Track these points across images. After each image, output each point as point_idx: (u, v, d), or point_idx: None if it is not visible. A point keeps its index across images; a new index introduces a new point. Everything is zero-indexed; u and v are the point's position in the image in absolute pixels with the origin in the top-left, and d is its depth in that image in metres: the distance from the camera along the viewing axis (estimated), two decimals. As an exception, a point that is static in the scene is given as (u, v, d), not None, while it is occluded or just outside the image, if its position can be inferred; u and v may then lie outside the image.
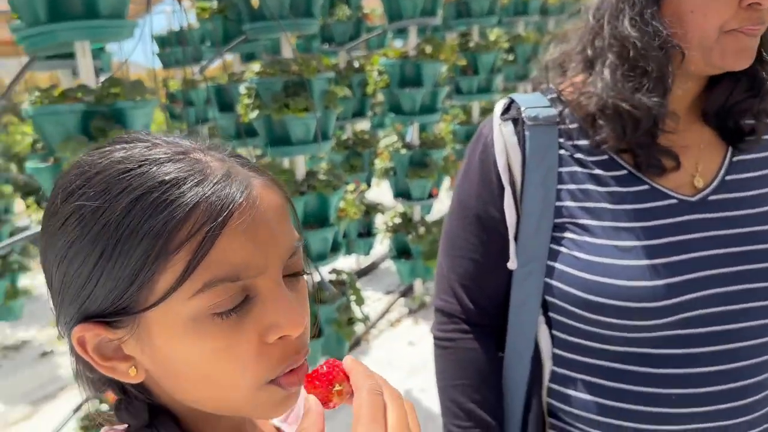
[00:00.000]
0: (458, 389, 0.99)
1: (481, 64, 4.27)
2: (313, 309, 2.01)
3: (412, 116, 3.67)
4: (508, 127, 0.91)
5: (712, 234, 0.85)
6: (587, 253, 0.86)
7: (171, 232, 0.47)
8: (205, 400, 0.54)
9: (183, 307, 0.49)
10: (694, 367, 0.84)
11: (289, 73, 2.82)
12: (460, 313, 1.00)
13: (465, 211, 0.97)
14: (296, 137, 2.86)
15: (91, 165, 0.51)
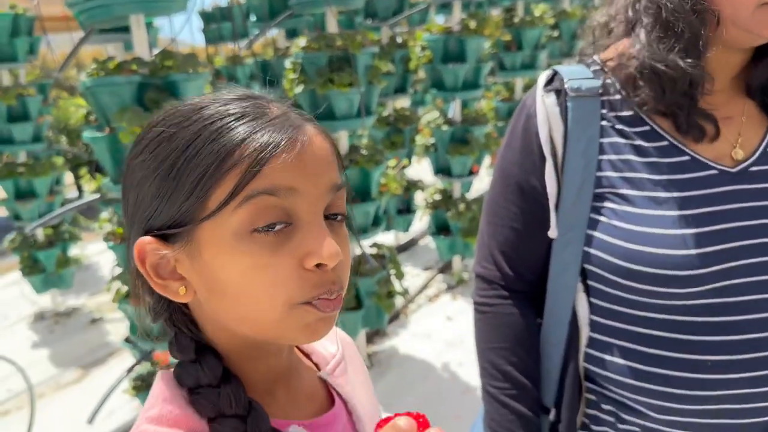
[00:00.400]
0: (496, 352, 1.02)
1: (526, 40, 4.22)
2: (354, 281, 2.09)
3: (455, 92, 3.66)
4: (550, 98, 0.93)
5: (750, 205, 0.85)
6: (627, 222, 0.87)
7: (226, 154, 0.54)
8: (243, 320, 0.58)
9: (228, 222, 0.54)
10: (728, 334, 0.85)
11: (334, 48, 2.85)
12: (500, 279, 1.03)
13: (507, 179, 0.99)
14: (340, 112, 2.90)
15: (175, 105, 0.59)
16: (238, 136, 0.55)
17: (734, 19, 0.82)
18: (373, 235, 3.24)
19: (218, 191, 0.54)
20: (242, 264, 0.55)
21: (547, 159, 0.93)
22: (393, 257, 3.35)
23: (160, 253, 0.56)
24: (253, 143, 0.54)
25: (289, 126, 0.57)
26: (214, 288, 0.57)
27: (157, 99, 2.02)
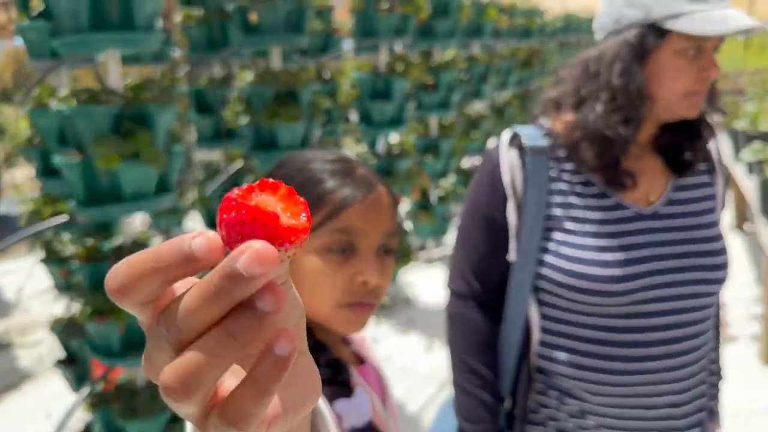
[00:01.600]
0: (468, 352, 1.26)
1: (442, 81, 4.62)
2: None
3: (381, 128, 3.96)
4: (513, 153, 1.21)
5: (659, 238, 1.16)
6: (570, 248, 1.16)
7: (322, 197, 0.83)
8: (308, 307, 0.83)
9: (314, 242, 0.82)
10: (643, 333, 1.14)
11: (280, 84, 3.06)
12: (470, 293, 1.26)
13: (477, 214, 1.25)
14: (284, 143, 3.10)
15: (295, 155, 0.90)
16: (330, 187, 0.84)
17: (666, 102, 1.15)
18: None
19: (314, 218, 0.81)
20: (316, 269, 0.83)
21: (509, 199, 1.20)
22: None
23: None
24: (338, 194, 0.83)
25: (365, 185, 0.85)
26: (296, 280, 0.82)
27: (132, 129, 2.15)
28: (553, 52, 8.34)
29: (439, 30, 4.58)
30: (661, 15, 1.10)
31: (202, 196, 3.77)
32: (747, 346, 3.68)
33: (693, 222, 1.19)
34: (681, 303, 1.14)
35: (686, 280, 1.15)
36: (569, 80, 1.23)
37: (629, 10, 1.13)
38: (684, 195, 1.21)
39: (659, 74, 1.13)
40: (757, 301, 4.11)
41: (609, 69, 1.15)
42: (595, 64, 1.17)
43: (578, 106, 1.19)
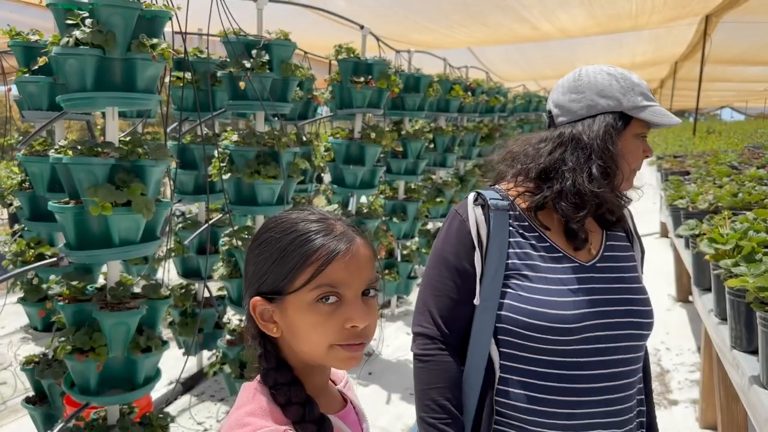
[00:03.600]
0: (436, 391, 1.36)
1: (410, 149, 4.94)
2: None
3: (353, 189, 4.22)
4: (478, 210, 1.40)
5: (598, 286, 1.35)
6: (527, 292, 1.32)
7: (308, 256, 0.91)
8: (305, 352, 0.94)
9: (305, 296, 0.90)
10: (593, 369, 1.30)
11: (262, 145, 3.30)
12: (439, 336, 1.39)
13: (445, 263, 1.40)
14: (262, 199, 3.32)
15: (280, 217, 1.00)
16: (315, 246, 0.92)
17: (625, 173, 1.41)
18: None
19: (300, 278, 0.91)
20: (308, 320, 0.91)
21: (476, 249, 1.37)
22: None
23: (265, 307, 0.94)
24: (322, 252, 0.91)
25: (345, 240, 0.94)
26: (292, 331, 0.93)
27: (127, 180, 2.35)
28: (513, 127, 8.83)
29: (409, 103, 4.93)
30: (630, 106, 1.39)
31: (178, 246, 3.93)
32: (687, 409, 3.92)
33: (623, 275, 1.40)
34: (618, 342, 1.33)
35: (622, 323, 1.34)
36: (533, 155, 1.43)
37: (603, 101, 1.40)
38: (614, 252, 1.43)
39: (623, 152, 1.40)
40: (697, 368, 4.37)
41: (601, 143, 1.38)
42: (577, 141, 1.39)
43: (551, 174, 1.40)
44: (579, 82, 1.43)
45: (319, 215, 0.98)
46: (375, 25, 4.73)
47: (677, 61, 15.75)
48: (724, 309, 2.28)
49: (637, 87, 1.41)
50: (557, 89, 1.47)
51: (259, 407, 0.92)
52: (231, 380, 3.47)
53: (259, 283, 0.94)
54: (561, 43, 9.95)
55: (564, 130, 1.41)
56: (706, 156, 7.00)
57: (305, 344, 0.93)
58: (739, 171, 5.25)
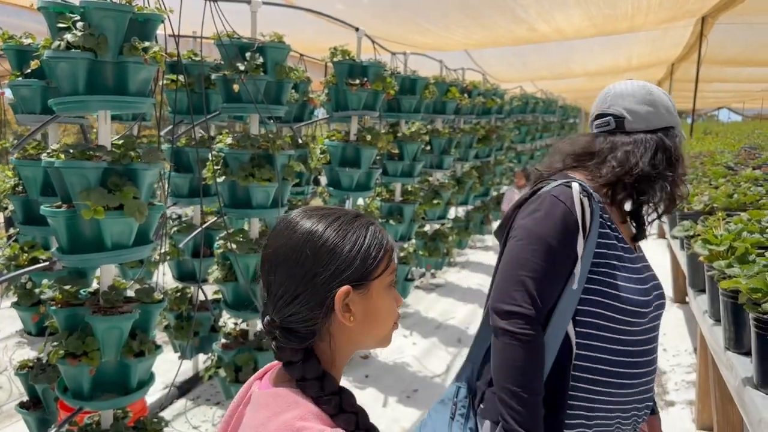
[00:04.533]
0: (533, 372, 1.43)
1: (407, 152, 4.94)
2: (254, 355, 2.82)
3: (349, 191, 4.22)
4: (585, 201, 1.51)
5: (648, 274, 1.60)
6: (616, 280, 1.51)
7: (384, 246, 1.00)
8: (377, 334, 1.02)
9: (383, 280, 1.00)
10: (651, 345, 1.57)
11: (257, 148, 3.30)
12: (535, 315, 1.44)
13: (545, 245, 1.47)
14: (257, 202, 3.31)
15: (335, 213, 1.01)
16: (386, 237, 1.02)
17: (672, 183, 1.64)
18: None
19: (381, 265, 0.99)
20: (386, 301, 1.01)
21: (580, 236, 1.48)
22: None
23: (350, 295, 0.96)
24: (390, 242, 1.03)
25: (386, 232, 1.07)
26: (372, 314, 0.99)
27: (119, 183, 2.34)
28: (510, 129, 8.83)
29: (405, 105, 4.93)
30: (674, 123, 1.62)
31: (173, 249, 3.92)
32: (683, 410, 3.91)
33: (650, 266, 1.66)
34: (659, 322, 1.60)
35: (660, 304, 1.59)
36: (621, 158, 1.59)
37: (670, 117, 1.62)
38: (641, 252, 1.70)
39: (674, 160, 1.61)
40: (693, 370, 4.37)
41: (681, 154, 1.63)
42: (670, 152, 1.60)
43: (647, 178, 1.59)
44: (652, 96, 1.61)
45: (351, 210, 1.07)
46: (371, 26, 4.73)
47: (674, 62, 15.76)
48: (718, 310, 2.28)
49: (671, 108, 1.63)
50: (628, 98, 1.61)
51: (308, 411, 0.91)
52: (226, 384, 3.46)
53: (346, 275, 0.96)
54: (557, 45, 9.96)
55: (646, 137, 1.59)
56: (702, 157, 6.99)
57: (381, 325, 1.01)
58: (735, 172, 5.25)
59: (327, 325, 0.96)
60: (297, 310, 0.95)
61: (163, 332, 4.28)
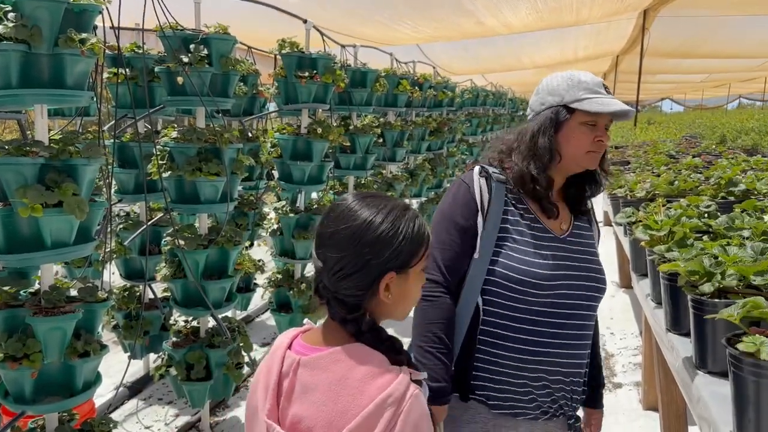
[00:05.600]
0: (437, 326, 1.63)
1: (359, 144, 4.93)
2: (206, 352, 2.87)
3: (301, 185, 4.18)
4: (483, 180, 1.70)
5: (566, 254, 1.68)
6: (515, 252, 1.64)
7: (424, 236, 1.18)
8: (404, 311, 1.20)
9: (419, 267, 1.17)
10: (557, 318, 1.63)
11: (204, 141, 3.24)
12: (443, 281, 1.66)
13: (450, 221, 1.69)
14: (205, 197, 3.26)
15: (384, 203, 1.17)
16: (425, 228, 1.18)
17: (573, 157, 1.69)
18: (226, 309, 3.55)
19: (420, 253, 1.16)
20: (417, 284, 1.19)
21: (479, 211, 1.67)
22: (242, 330, 3.67)
23: (393, 279, 1.13)
24: (428, 232, 1.19)
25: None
26: (405, 294, 1.16)
27: (58, 180, 2.26)
28: (462, 121, 8.92)
29: (357, 99, 4.92)
30: (570, 99, 1.66)
31: (119, 247, 3.82)
32: (630, 392, 4.04)
33: (587, 249, 1.74)
34: (577, 300, 1.65)
35: (582, 285, 1.67)
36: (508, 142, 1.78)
37: (551, 98, 1.69)
38: (580, 231, 1.77)
39: (568, 138, 1.68)
40: (639, 352, 4.52)
41: (533, 133, 1.70)
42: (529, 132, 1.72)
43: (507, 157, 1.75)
44: (540, 86, 1.74)
45: (398, 200, 1.21)
46: (321, 19, 4.70)
47: (618, 54, 16.20)
48: (659, 293, 2.35)
49: (582, 84, 1.66)
50: (539, 92, 1.75)
51: (381, 359, 1.08)
52: (177, 383, 3.39)
53: (395, 261, 1.12)
54: (506, 38, 10.10)
55: (528, 124, 1.74)
56: (645, 146, 7.22)
57: (410, 303, 1.19)
58: (677, 160, 5.44)
59: (370, 299, 1.12)
60: (349, 285, 1.11)
61: (112, 332, 4.17)
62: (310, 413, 1.04)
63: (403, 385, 1.03)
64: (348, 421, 1.00)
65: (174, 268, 3.40)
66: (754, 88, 29.70)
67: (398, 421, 1.00)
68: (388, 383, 1.03)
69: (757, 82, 26.66)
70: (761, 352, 1.34)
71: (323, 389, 1.04)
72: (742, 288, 1.78)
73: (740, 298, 1.63)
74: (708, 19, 10.62)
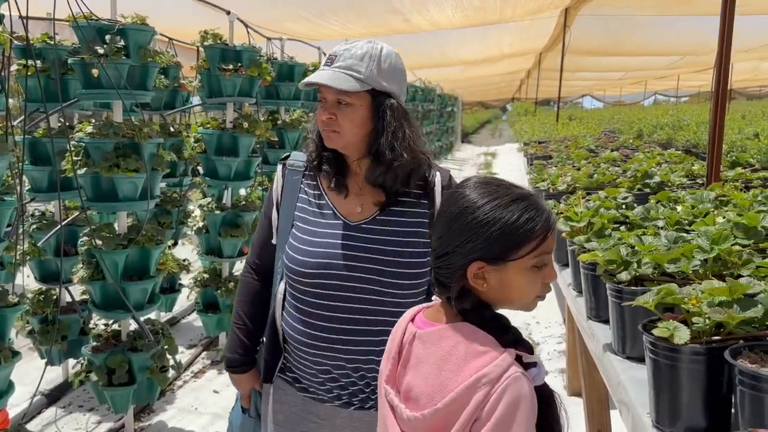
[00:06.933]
0: (238, 303, 1.77)
1: (288, 140, 4.86)
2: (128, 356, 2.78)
3: (227, 181, 4.08)
4: (280, 168, 1.71)
5: (355, 243, 1.57)
6: (294, 240, 1.61)
7: (533, 233, 1.08)
8: (513, 301, 1.13)
9: (527, 262, 1.09)
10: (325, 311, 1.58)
11: (121, 136, 3.10)
12: (252, 264, 1.77)
13: (265, 209, 1.73)
14: (124, 194, 3.12)
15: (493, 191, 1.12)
16: (537, 225, 1.09)
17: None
18: (149, 311, 3.42)
19: (524, 249, 1.08)
20: (525, 280, 1.10)
21: (274, 202, 1.69)
22: (166, 333, 3.55)
23: (483, 269, 1.09)
24: (543, 228, 1.09)
25: (551, 217, 1.12)
26: (506, 287, 1.10)
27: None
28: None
29: (284, 92, 4.85)
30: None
31: (33, 248, 3.62)
32: (555, 379, 4.17)
33: (392, 238, 1.58)
34: (352, 293, 1.56)
35: (363, 278, 1.55)
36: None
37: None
38: (392, 217, 1.60)
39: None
40: (563, 340, 4.67)
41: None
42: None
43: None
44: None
45: (522, 191, 1.13)
46: (246, 12, 4.59)
47: (541, 52, 16.69)
48: (580, 283, 2.43)
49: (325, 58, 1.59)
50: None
51: (486, 338, 1.07)
52: (98, 389, 3.25)
53: (483, 251, 1.07)
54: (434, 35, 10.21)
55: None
56: (567, 141, 7.46)
57: (516, 297, 1.11)
58: (596, 154, 5.64)
59: (459, 284, 1.10)
60: (442, 265, 1.12)
61: (27, 338, 3.95)
62: (418, 383, 1.09)
63: (501, 367, 1.02)
64: (445, 396, 1.03)
65: (92, 269, 3.25)
66: (669, 85, 31.27)
67: (490, 400, 1.00)
68: (488, 363, 1.03)
69: (671, 80, 28.07)
70: (675, 336, 1.40)
71: (430, 363, 1.08)
72: (657, 276, 1.86)
73: (656, 285, 1.69)
74: (626, 19, 11.08)
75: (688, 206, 2.49)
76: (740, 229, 2.01)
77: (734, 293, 1.40)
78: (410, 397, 1.11)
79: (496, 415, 1.00)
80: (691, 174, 3.92)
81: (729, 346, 1.35)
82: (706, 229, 1.87)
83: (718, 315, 1.37)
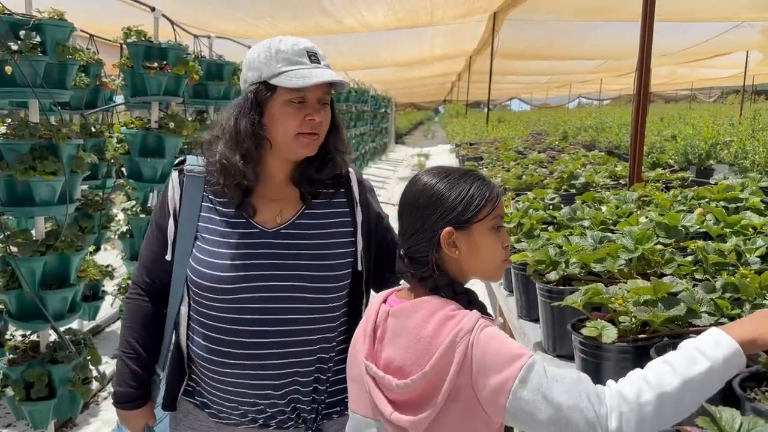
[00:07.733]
0: (127, 329, 1.57)
1: (216, 140, 4.73)
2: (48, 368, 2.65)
3: (153, 183, 3.93)
4: (175, 174, 1.51)
5: (274, 251, 1.44)
6: (200, 253, 1.45)
7: (488, 195, 1.20)
8: (480, 267, 1.22)
9: (486, 223, 1.19)
10: (248, 326, 1.43)
11: (38, 137, 2.93)
12: (141, 282, 1.58)
13: (155, 220, 1.55)
14: (41, 198, 2.96)
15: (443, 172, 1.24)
16: (491, 188, 1.22)
17: (283, 143, 1.42)
18: (69, 321, 3.25)
19: (484, 210, 1.19)
20: (488, 240, 1.20)
21: (170, 212, 1.49)
22: (88, 343, 3.38)
23: (453, 234, 1.18)
24: (495, 192, 1.23)
25: (495, 186, 1.25)
26: (474, 251, 1.19)
27: None
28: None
29: (213, 92, 4.72)
30: (269, 74, 1.38)
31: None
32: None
33: (314, 241, 1.48)
34: (277, 303, 1.43)
35: (286, 286, 1.43)
36: (216, 127, 1.50)
37: (251, 73, 1.42)
38: (312, 220, 1.50)
39: (273, 120, 1.41)
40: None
41: (235, 117, 1.42)
42: (232, 116, 1.44)
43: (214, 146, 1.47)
44: (244, 59, 1.47)
45: (467, 169, 1.29)
46: (173, 10, 4.44)
47: (471, 55, 17.00)
48: (511, 282, 2.47)
49: (280, 54, 1.40)
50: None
51: (456, 306, 1.16)
52: (15, 404, 3.06)
53: (449, 217, 1.18)
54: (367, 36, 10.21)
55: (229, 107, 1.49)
56: (497, 143, 7.62)
57: (485, 260, 1.21)
58: (524, 155, 5.79)
59: (440, 255, 1.20)
60: (414, 242, 1.21)
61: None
62: (398, 355, 1.16)
63: (472, 319, 1.11)
64: (430, 359, 1.11)
65: (7, 277, 3.06)
66: (592, 88, 32.51)
67: (473, 350, 1.08)
68: (460, 320, 1.12)
69: (594, 83, 29.18)
70: (603, 335, 1.43)
71: (407, 334, 1.16)
72: (585, 275, 1.91)
73: (583, 284, 1.74)
74: (552, 24, 11.43)
75: (612, 206, 2.58)
76: (662, 228, 2.09)
77: (658, 292, 1.45)
78: (392, 369, 1.17)
79: (486, 351, 1.08)
80: (614, 175, 4.08)
81: (654, 344, 1.40)
82: (630, 229, 1.94)
83: (644, 314, 1.42)
